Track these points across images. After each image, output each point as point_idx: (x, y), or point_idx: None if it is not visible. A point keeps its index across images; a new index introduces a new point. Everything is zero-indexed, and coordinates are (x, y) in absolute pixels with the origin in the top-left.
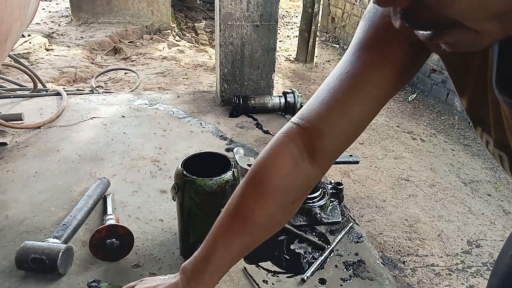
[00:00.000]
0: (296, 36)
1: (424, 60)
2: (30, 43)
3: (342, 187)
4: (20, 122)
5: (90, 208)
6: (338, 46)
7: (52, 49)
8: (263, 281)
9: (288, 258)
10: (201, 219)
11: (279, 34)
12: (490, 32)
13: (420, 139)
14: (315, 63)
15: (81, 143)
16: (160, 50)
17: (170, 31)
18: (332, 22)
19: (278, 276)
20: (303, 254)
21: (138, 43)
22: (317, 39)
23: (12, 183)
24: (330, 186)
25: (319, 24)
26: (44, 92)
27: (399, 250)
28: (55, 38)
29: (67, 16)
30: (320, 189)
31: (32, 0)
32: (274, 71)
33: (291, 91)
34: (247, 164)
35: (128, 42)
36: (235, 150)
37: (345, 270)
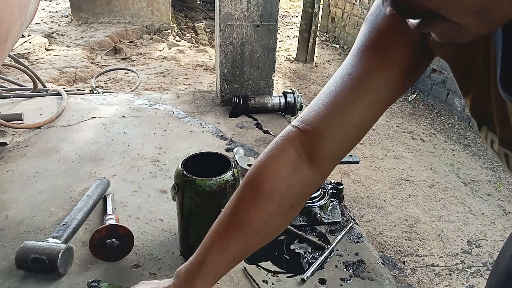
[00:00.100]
0: (296, 36)
1: (426, 64)
2: (30, 43)
3: (342, 187)
4: (20, 122)
5: (90, 208)
6: (338, 46)
7: (52, 49)
8: (263, 281)
9: (288, 258)
10: (201, 219)
11: (279, 34)
12: (472, 26)
13: (420, 139)
14: (315, 63)
15: (81, 143)
16: (160, 50)
17: (170, 31)
18: (332, 22)
19: (278, 276)
20: (303, 254)
21: (138, 43)
22: (317, 39)
23: (12, 183)
24: (330, 186)
25: (319, 24)
26: (44, 92)
27: (399, 250)
28: (55, 38)
29: (67, 16)
30: (320, 189)
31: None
32: (274, 71)
33: (291, 91)
34: (247, 164)
35: (128, 42)
36: (235, 150)
37: (345, 270)
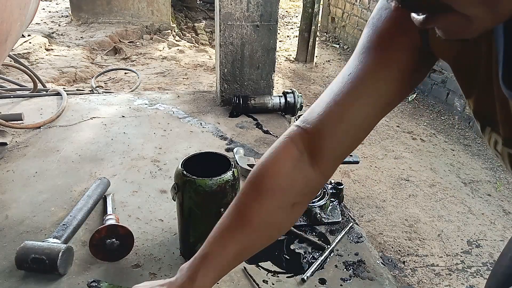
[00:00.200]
0: (296, 36)
1: (428, 67)
2: (30, 43)
3: (342, 187)
4: (20, 122)
5: (90, 208)
6: (338, 46)
7: (52, 49)
8: (263, 281)
9: (288, 258)
10: (201, 219)
11: (279, 34)
12: (480, 18)
13: (420, 139)
14: (315, 63)
15: (81, 143)
16: (160, 50)
17: (170, 31)
18: (332, 22)
19: (278, 276)
20: (303, 254)
21: (138, 43)
22: (317, 39)
23: (12, 183)
24: (330, 186)
25: (319, 24)
26: (44, 92)
27: (399, 250)
28: (55, 38)
29: (67, 16)
30: (320, 189)
31: (32, 0)
32: (274, 71)
33: (291, 91)
34: (247, 164)
35: (128, 42)
36: (235, 150)
37: (345, 270)
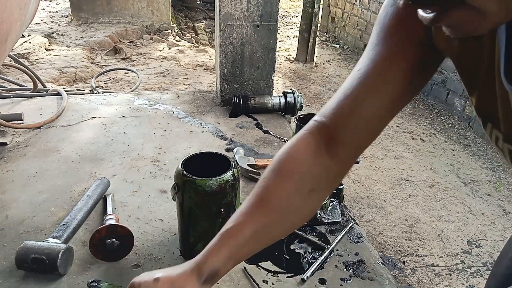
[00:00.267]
0: (296, 36)
1: (436, 64)
2: (30, 43)
3: (342, 187)
4: (20, 122)
5: (90, 208)
6: (338, 46)
7: (52, 49)
8: (263, 281)
9: (288, 258)
10: (201, 219)
11: (279, 34)
12: (493, 12)
13: (420, 139)
14: (315, 63)
15: (81, 143)
16: (160, 50)
17: (170, 31)
18: (332, 22)
19: (278, 276)
20: (303, 254)
21: (138, 43)
22: (317, 39)
23: (12, 183)
24: None
25: (319, 24)
26: (44, 92)
27: (399, 250)
28: (55, 38)
29: (67, 16)
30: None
31: (32, 0)
32: (274, 71)
33: (291, 91)
34: (247, 164)
35: (128, 42)
36: (235, 150)
37: (345, 270)
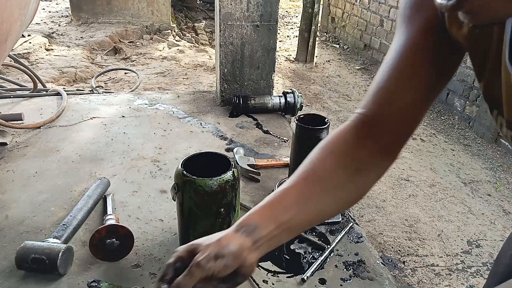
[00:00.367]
0: (296, 36)
1: (456, 55)
2: (30, 43)
3: None
4: (20, 122)
5: (90, 208)
6: (338, 46)
7: (52, 49)
8: (263, 281)
9: (288, 258)
10: (201, 219)
11: (279, 34)
12: None
13: (420, 139)
14: (315, 63)
15: (81, 143)
16: (160, 50)
17: (170, 31)
18: (332, 22)
19: (278, 276)
20: (303, 254)
21: (138, 43)
22: (317, 39)
23: (12, 183)
24: None
25: (319, 24)
26: (44, 92)
27: (399, 250)
28: (55, 38)
29: (67, 16)
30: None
31: (32, 0)
32: (274, 71)
33: (291, 91)
34: (247, 164)
35: (128, 42)
36: (235, 150)
37: (345, 270)
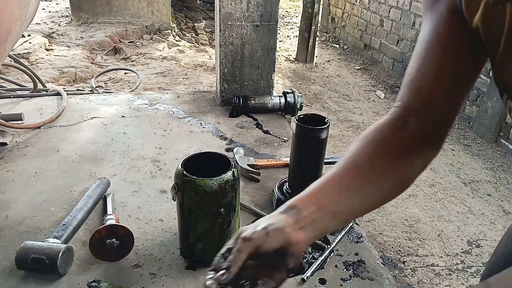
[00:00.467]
0: (296, 36)
1: (475, 41)
2: (30, 43)
3: None
4: (20, 122)
5: (90, 208)
6: (338, 46)
7: (52, 49)
8: None
9: None
10: (201, 219)
11: (279, 34)
12: None
13: None
14: (315, 63)
15: (81, 143)
16: (160, 50)
17: (170, 31)
18: (332, 22)
19: None
20: (303, 254)
21: (138, 43)
22: (317, 39)
23: (12, 183)
24: None
25: (319, 24)
26: (44, 92)
27: (399, 250)
28: (55, 38)
29: (67, 16)
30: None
31: (32, 0)
32: (274, 71)
33: (291, 91)
34: (247, 164)
35: (128, 42)
36: (235, 150)
37: (345, 270)
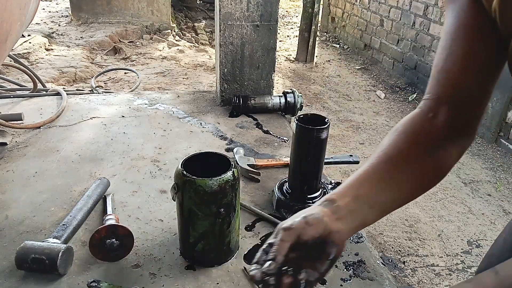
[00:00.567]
0: (296, 36)
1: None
2: (30, 43)
3: None
4: (20, 122)
5: (90, 208)
6: (338, 46)
7: (52, 49)
8: None
9: None
10: (201, 219)
11: (279, 34)
12: None
13: None
14: (315, 63)
15: (81, 143)
16: (160, 50)
17: (170, 31)
18: (332, 22)
19: None
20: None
21: (138, 43)
22: (317, 39)
23: (12, 183)
24: (330, 186)
25: (319, 24)
26: (44, 92)
27: (399, 250)
28: (55, 38)
29: (67, 16)
30: (320, 189)
31: (32, 0)
32: (274, 71)
33: (291, 91)
34: (247, 164)
35: (128, 42)
36: (235, 150)
37: (345, 270)
